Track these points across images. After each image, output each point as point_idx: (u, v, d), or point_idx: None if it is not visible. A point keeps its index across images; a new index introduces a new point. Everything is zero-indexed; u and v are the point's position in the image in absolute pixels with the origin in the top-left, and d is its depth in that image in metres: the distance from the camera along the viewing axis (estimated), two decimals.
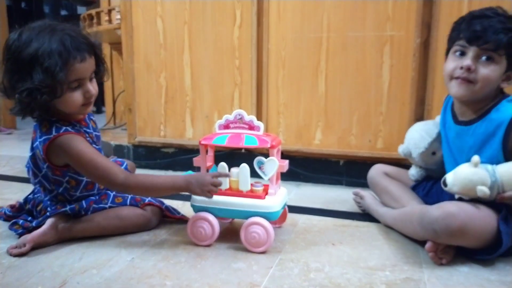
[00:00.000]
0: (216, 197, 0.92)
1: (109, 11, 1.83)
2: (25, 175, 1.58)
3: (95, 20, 1.89)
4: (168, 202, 1.27)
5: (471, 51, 0.85)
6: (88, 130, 0.96)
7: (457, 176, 0.84)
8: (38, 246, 0.90)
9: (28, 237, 0.89)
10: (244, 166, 0.89)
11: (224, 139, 0.91)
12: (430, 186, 1.05)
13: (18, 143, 2.37)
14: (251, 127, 0.91)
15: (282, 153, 1.49)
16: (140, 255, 0.88)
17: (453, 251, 0.86)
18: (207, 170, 0.95)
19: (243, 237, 0.90)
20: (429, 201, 0.98)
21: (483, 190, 0.81)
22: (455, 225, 0.79)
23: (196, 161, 0.95)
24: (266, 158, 0.90)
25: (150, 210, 1.02)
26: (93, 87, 0.89)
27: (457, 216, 0.79)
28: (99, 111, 4.16)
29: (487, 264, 0.85)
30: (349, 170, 1.44)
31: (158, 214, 1.04)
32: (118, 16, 1.71)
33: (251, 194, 0.91)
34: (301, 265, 0.84)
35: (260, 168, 0.90)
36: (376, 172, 1.14)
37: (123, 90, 2.02)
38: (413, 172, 1.08)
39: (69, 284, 0.75)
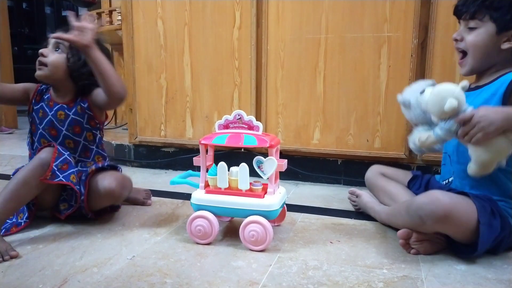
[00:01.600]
0: (215, 196, 0.93)
1: (110, 12, 1.84)
2: None
3: (96, 21, 1.90)
4: (168, 201, 1.28)
5: (461, 25, 0.94)
6: (45, 109, 1.06)
7: (436, 87, 0.85)
8: None
9: None
10: (243, 166, 0.90)
11: (223, 138, 0.91)
12: (426, 182, 1.06)
13: (19, 143, 2.38)
14: (250, 127, 0.92)
15: (281, 153, 1.50)
16: (140, 253, 0.89)
17: (430, 246, 0.89)
18: (207, 170, 0.96)
19: (242, 236, 0.91)
20: None
21: (452, 102, 0.80)
22: (440, 210, 0.81)
23: (196, 160, 0.96)
24: (265, 157, 0.91)
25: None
26: (49, 53, 1.04)
27: (442, 202, 0.82)
28: None
29: (484, 263, 0.86)
30: (347, 169, 1.45)
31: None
32: (119, 17, 1.72)
33: (250, 193, 0.92)
34: (299, 263, 0.85)
35: (259, 167, 0.91)
36: (373, 173, 1.16)
37: None
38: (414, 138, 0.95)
39: (70, 283, 0.76)
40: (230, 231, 1.02)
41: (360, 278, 0.79)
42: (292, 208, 1.18)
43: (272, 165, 0.91)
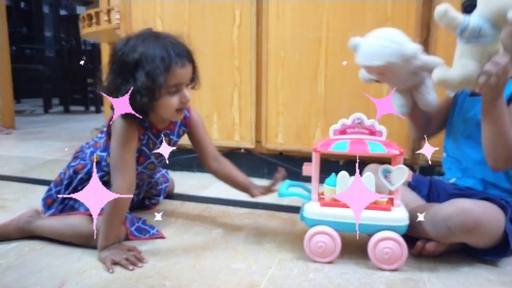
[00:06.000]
0: (335, 210, 0.85)
1: (109, 11, 1.82)
2: (24, 175, 1.58)
3: (94, 20, 1.89)
4: (167, 202, 1.27)
5: None
6: (153, 138, 0.97)
7: None
8: (2, 238, 0.94)
9: None
10: (369, 175, 0.83)
11: (344, 145, 0.82)
12: (428, 184, 1.04)
13: (17, 143, 2.37)
14: (372, 132, 0.84)
15: (281, 153, 1.50)
16: None
17: (438, 253, 0.87)
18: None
19: (373, 254, 0.83)
20: (430, 200, 0.99)
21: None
22: (470, 221, 0.78)
23: (307, 170, 0.87)
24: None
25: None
26: (188, 93, 0.91)
27: (472, 212, 0.78)
28: (98, 111, 4.17)
29: (487, 264, 0.85)
30: (349, 170, 1.43)
31: None
32: (118, 16, 1.71)
33: (375, 205, 0.83)
34: (300, 265, 0.84)
35: (386, 177, 0.83)
36: (371, 171, 1.13)
37: None
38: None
39: (68, 285, 0.75)
40: (229, 234, 1.01)
41: (361, 281, 0.78)
42: (293, 209, 1.17)
43: (402, 175, 0.81)
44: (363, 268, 0.83)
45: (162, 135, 0.99)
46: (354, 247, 0.94)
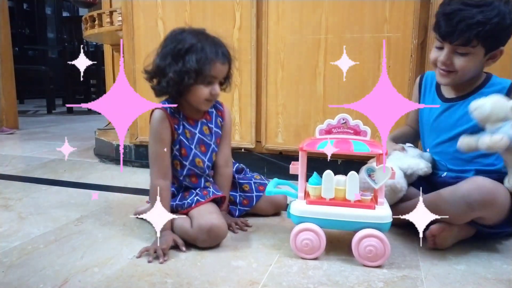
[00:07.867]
0: (320, 207, 0.86)
1: (111, 13, 1.84)
2: (27, 174, 1.59)
3: (96, 22, 1.90)
4: None
5: (446, 47, 0.91)
6: (190, 128, 1.01)
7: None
8: None
9: None
10: (353, 174, 0.84)
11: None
12: (425, 183, 1.05)
13: (20, 143, 2.39)
14: (357, 132, 0.85)
15: (281, 153, 1.51)
16: None
17: (450, 240, 0.91)
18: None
19: (356, 251, 0.84)
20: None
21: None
22: (488, 194, 0.84)
23: (294, 169, 0.88)
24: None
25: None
26: (218, 88, 0.98)
27: (488, 186, 0.84)
28: None
29: (484, 263, 0.86)
30: (348, 169, 1.44)
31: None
32: (120, 18, 1.72)
33: (360, 204, 0.85)
34: (299, 262, 0.85)
35: (370, 176, 0.84)
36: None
37: None
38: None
39: (71, 283, 0.76)
40: (229, 232, 1.01)
41: (360, 278, 0.79)
42: None
43: (386, 173, 0.83)
44: (362, 265, 0.84)
45: (200, 124, 1.03)
46: None
